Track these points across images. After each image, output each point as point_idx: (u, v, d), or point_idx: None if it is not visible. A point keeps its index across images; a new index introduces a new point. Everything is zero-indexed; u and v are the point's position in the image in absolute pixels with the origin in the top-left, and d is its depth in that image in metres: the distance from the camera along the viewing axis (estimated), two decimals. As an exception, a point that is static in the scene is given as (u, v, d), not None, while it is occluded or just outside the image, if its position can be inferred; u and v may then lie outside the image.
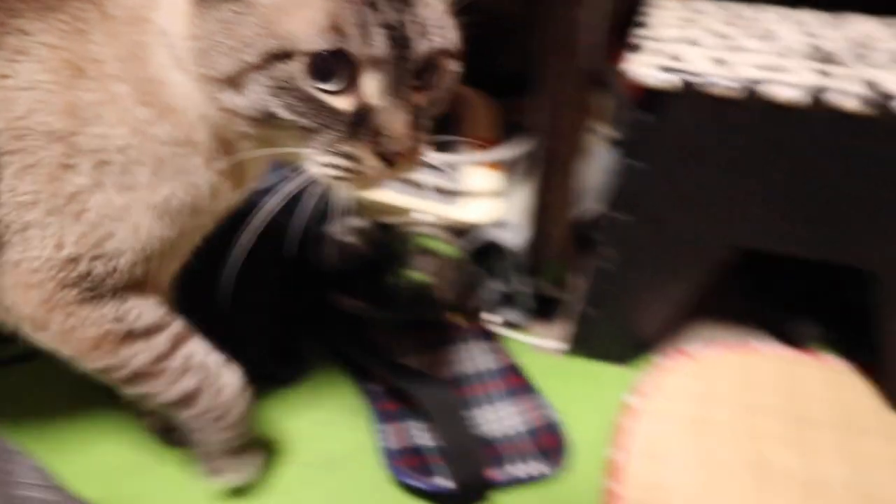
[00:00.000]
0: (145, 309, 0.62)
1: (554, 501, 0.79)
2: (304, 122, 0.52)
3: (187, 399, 0.66)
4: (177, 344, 0.64)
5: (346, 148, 0.53)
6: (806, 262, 0.87)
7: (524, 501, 0.79)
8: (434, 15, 0.54)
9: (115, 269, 0.59)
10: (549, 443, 0.83)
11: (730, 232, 0.86)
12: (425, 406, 0.82)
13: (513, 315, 1.02)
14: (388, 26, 0.51)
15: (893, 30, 0.94)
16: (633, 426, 0.87)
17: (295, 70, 0.50)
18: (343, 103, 0.52)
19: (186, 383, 0.65)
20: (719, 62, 0.78)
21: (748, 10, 1.00)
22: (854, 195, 0.79)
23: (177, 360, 0.64)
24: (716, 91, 0.74)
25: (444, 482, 0.76)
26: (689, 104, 0.76)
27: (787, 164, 0.79)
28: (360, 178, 0.55)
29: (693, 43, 0.83)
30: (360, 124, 0.53)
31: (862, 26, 0.95)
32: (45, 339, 0.61)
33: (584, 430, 0.87)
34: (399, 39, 0.51)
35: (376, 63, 0.51)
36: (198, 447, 0.73)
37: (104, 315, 0.60)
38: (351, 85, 0.52)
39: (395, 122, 0.53)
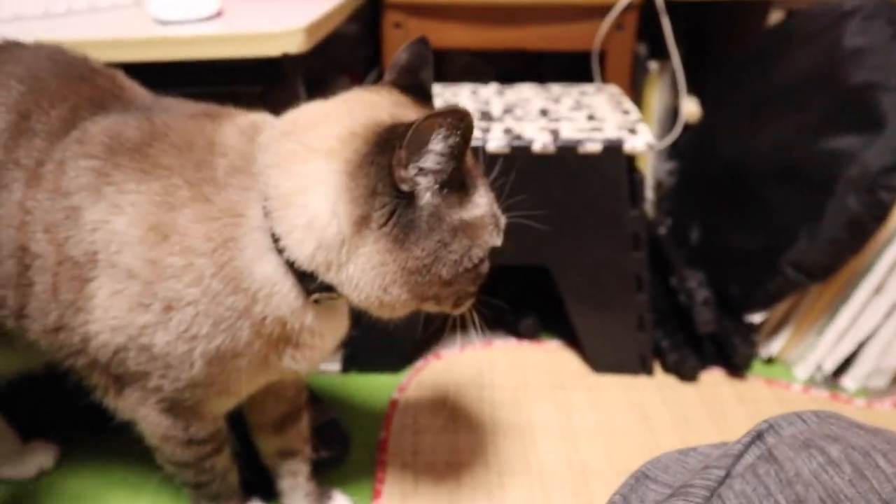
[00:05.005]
0: (202, 428, 0.78)
1: (341, 475, 0.99)
2: None
3: (199, 486, 0.84)
4: (213, 453, 0.81)
5: None
6: (515, 269, 1.14)
7: (324, 476, 0.97)
8: None
9: (176, 390, 0.71)
10: (331, 434, 1.03)
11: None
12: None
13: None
14: None
15: (540, 91, 1.28)
16: (394, 413, 1.10)
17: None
18: None
19: (205, 478, 0.83)
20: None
21: (440, 89, 1.31)
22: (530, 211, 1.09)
23: (208, 464, 0.81)
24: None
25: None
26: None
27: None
28: None
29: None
30: None
31: (522, 91, 1.28)
32: (137, 423, 0.77)
33: (361, 422, 1.08)
34: None
35: None
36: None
37: (174, 425, 0.76)
38: None
39: None
